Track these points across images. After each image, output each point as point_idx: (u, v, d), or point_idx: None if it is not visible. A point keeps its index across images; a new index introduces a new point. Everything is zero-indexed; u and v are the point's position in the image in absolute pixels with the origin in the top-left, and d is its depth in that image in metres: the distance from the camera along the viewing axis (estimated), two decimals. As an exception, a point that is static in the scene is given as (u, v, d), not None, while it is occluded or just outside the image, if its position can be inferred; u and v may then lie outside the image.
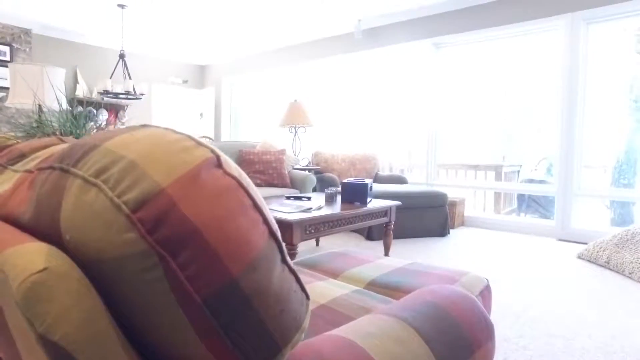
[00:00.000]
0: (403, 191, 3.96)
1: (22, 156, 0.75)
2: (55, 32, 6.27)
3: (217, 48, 7.12)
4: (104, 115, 6.99)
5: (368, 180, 3.11)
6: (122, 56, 5.35)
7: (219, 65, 8.02)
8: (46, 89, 2.89)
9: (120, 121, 7.24)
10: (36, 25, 5.95)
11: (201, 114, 8.09)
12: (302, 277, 1.35)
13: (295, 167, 4.47)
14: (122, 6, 5.14)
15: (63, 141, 0.83)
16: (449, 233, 4.17)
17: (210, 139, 5.84)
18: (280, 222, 2.33)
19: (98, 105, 6.87)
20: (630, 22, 3.96)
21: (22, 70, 2.83)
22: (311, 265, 1.62)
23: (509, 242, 3.94)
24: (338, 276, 1.51)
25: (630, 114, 5.09)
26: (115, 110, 7.14)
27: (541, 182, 5.43)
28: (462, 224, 4.74)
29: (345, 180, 3.00)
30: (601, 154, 5.48)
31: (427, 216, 4.05)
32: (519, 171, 6.18)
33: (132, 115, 7.37)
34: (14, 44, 5.74)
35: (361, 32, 5.52)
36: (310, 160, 4.95)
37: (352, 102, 6.03)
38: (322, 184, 4.56)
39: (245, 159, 4.11)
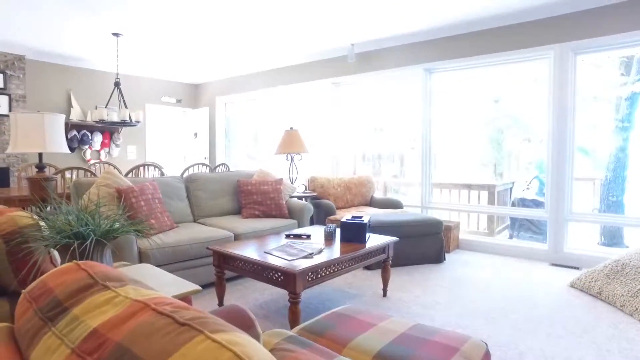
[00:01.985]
0: (400, 220, 4.03)
1: (59, 306, 0.80)
2: (48, 57, 6.27)
3: (210, 68, 7.15)
4: (98, 138, 6.99)
5: (366, 218, 3.18)
6: (117, 84, 5.37)
7: (213, 84, 8.06)
8: (47, 136, 2.92)
9: (114, 143, 7.24)
10: (29, 51, 5.95)
11: (195, 134, 8.10)
12: (311, 354, 1.41)
13: (293, 195, 4.52)
14: (116, 34, 5.16)
15: (92, 278, 0.88)
16: (444, 259, 4.24)
17: (206, 165, 5.86)
18: (284, 272, 2.38)
19: (92, 128, 6.87)
20: (614, 53, 4.09)
21: (23, 119, 2.86)
22: (318, 333, 1.67)
23: (503, 268, 4.03)
24: (345, 347, 1.57)
25: (616, 132, 5.24)
26: (109, 132, 7.14)
27: (533, 201, 5.55)
28: (458, 247, 4.82)
29: (344, 220, 3.06)
30: (590, 171, 5.62)
31: (424, 243, 4.12)
32: (511, 188, 6.31)
33: (126, 137, 7.37)
34: (7, 71, 5.73)
35: (354, 56, 5.60)
36: (307, 186, 5.01)
37: (346, 123, 6.10)
38: (319, 210, 4.62)
39: (243, 190, 4.15)
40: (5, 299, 1.49)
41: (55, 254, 1.67)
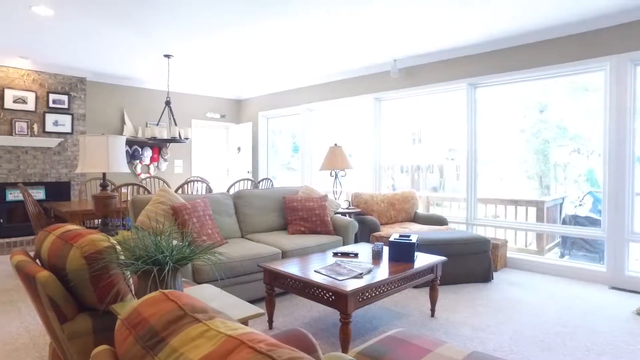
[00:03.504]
0: (447, 238, 3.97)
1: (156, 336, 0.87)
2: (105, 78, 6.69)
3: (253, 83, 7.38)
4: (148, 153, 7.34)
5: (414, 237, 3.16)
6: (168, 103, 5.65)
7: (256, 100, 8.29)
8: (110, 157, 3.12)
9: (163, 157, 7.58)
10: (90, 73, 6.38)
11: (239, 148, 8.34)
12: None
13: (337, 211, 4.55)
14: (168, 56, 5.45)
15: (182, 309, 0.94)
16: (492, 278, 4.13)
17: (250, 180, 6.02)
18: (335, 292, 2.41)
19: (143, 144, 7.23)
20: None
21: (91, 141, 3.07)
22: (375, 358, 1.68)
23: (555, 289, 3.86)
24: (404, 374, 1.57)
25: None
26: (158, 147, 7.49)
27: (587, 218, 5.29)
28: (505, 265, 4.67)
29: (392, 239, 3.06)
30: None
31: (470, 262, 4.03)
32: (561, 204, 6.05)
33: (173, 152, 7.70)
34: (71, 93, 6.16)
35: (397, 71, 5.61)
36: (350, 202, 5.03)
37: (387, 137, 6.10)
38: (363, 226, 4.62)
39: (288, 206, 4.23)
40: (87, 315, 1.61)
41: (127, 272, 1.78)
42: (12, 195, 5.69)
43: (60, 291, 1.54)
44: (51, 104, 5.98)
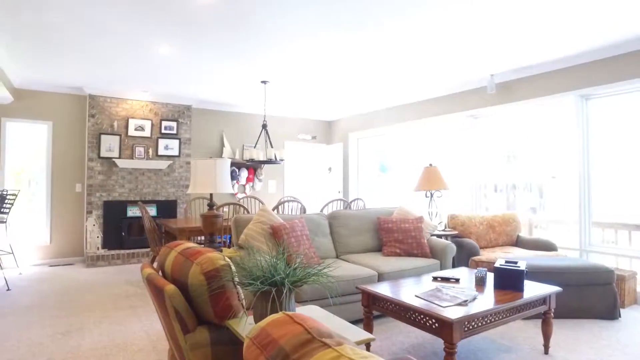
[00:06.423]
0: (559, 266, 3.59)
1: (287, 358, 0.88)
2: (207, 104, 7.31)
3: (344, 104, 7.51)
4: (244, 174, 7.80)
5: (522, 264, 2.90)
6: (264, 126, 5.97)
7: (346, 120, 8.42)
8: (217, 178, 3.35)
9: (257, 178, 8.00)
10: (194, 101, 7.01)
11: (330, 169, 8.50)
12: None
13: (433, 233, 4.38)
14: (264, 82, 5.79)
15: (309, 332, 0.95)
16: (620, 316, 3.61)
17: (342, 200, 6.07)
18: (439, 319, 2.29)
19: (240, 165, 7.71)
20: None
21: (201, 164, 3.34)
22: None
23: None
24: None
25: None
26: (253, 168, 7.93)
27: None
28: (635, 302, 4.07)
29: (498, 265, 2.84)
30: None
31: (589, 294, 3.58)
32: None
33: (267, 172, 8.09)
34: (179, 119, 6.83)
35: (494, 87, 5.32)
36: (447, 224, 4.81)
37: (482, 157, 5.76)
38: (461, 250, 4.38)
39: (383, 227, 4.17)
40: (204, 327, 1.71)
41: (238, 288, 1.87)
42: (131, 211, 6.39)
43: (184, 304, 1.66)
44: (163, 130, 6.67)
